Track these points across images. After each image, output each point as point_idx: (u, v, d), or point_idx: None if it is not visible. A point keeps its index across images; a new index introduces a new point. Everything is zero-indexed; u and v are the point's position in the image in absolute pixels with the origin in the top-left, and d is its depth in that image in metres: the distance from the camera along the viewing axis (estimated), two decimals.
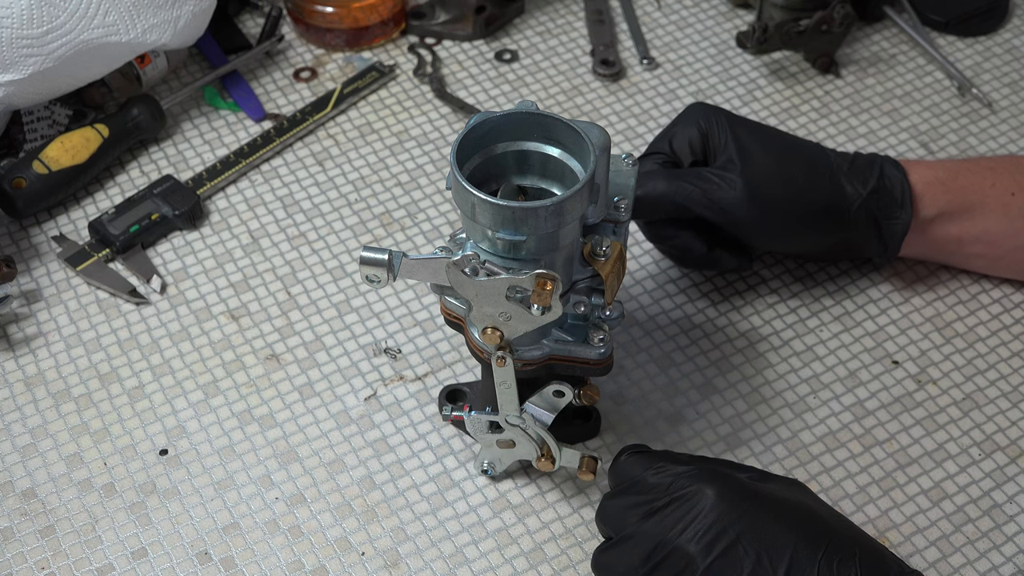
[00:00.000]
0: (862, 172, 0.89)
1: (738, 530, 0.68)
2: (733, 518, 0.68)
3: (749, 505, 0.69)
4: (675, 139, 0.89)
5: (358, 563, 0.80)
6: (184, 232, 1.00)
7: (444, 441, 0.86)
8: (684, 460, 0.73)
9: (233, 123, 1.09)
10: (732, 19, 1.19)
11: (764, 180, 0.86)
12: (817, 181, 0.88)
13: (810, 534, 0.69)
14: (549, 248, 0.70)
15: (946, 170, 0.91)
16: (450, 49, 1.15)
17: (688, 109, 0.90)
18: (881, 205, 0.88)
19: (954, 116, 1.09)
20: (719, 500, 0.69)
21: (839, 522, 0.72)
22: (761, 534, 0.68)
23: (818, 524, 0.70)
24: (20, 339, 0.92)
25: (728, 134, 0.87)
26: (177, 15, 1.02)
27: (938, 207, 0.89)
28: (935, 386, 0.90)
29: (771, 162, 0.87)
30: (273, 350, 0.92)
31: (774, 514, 0.69)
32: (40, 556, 0.80)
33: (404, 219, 1.01)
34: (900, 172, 0.89)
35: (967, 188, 0.90)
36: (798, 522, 0.69)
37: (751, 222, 0.86)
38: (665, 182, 0.86)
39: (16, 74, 0.95)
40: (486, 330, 0.71)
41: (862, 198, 0.88)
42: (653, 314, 0.94)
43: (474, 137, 0.71)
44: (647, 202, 0.86)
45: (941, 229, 0.90)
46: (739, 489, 0.70)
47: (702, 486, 0.69)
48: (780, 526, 0.69)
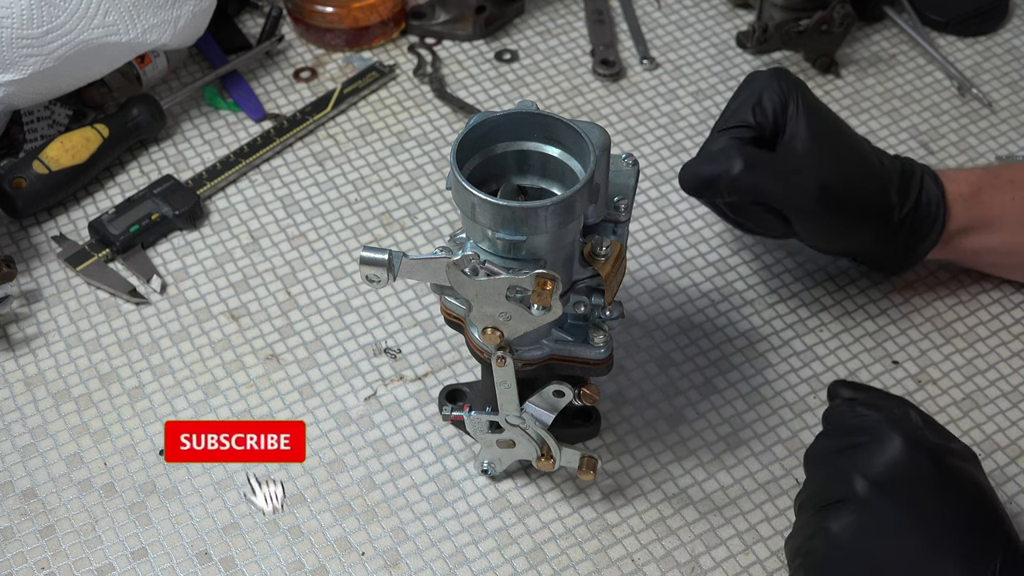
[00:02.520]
0: (906, 185, 0.88)
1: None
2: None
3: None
4: (758, 109, 0.86)
5: (358, 563, 0.80)
6: (184, 232, 1.00)
7: (444, 441, 0.87)
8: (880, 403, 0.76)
9: (233, 123, 1.09)
10: (732, 19, 1.19)
11: (835, 177, 0.84)
12: (874, 191, 0.87)
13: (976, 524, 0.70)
14: (549, 248, 0.70)
15: (969, 184, 0.90)
16: (450, 49, 1.15)
17: (769, 77, 0.87)
18: (916, 221, 0.88)
19: (954, 116, 1.09)
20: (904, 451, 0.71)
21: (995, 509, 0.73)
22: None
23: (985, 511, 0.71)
24: (20, 339, 0.92)
25: (803, 121, 0.85)
26: (177, 15, 1.02)
27: (959, 224, 0.89)
28: (935, 386, 0.90)
29: (840, 159, 0.86)
30: (273, 350, 0.92)
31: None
32: (40, 556, 0.80)
33: (404, 219, 1.01)
34: (939, 189, 0.88)
35: (988, 204, 0.89)
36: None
37: (818, 216, 0.85)
38: (745, 172, 0.83)
39: (16, 74, 0.95)
40: (486, 330, 0.71)
41: (903, 213, 0.87)
42: (653, 314, 0.94)
43: (474, 137, 0.71)
44: (722, 185, 0.83)
45: (960, 243, 0.90)
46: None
47: (892, 434, 0.72)
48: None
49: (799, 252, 0.98)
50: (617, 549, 0.81)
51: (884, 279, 0.96)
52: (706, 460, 0.86)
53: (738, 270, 0.97)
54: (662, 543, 0.81)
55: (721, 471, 0.85)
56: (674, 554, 0.81)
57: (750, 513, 0.83)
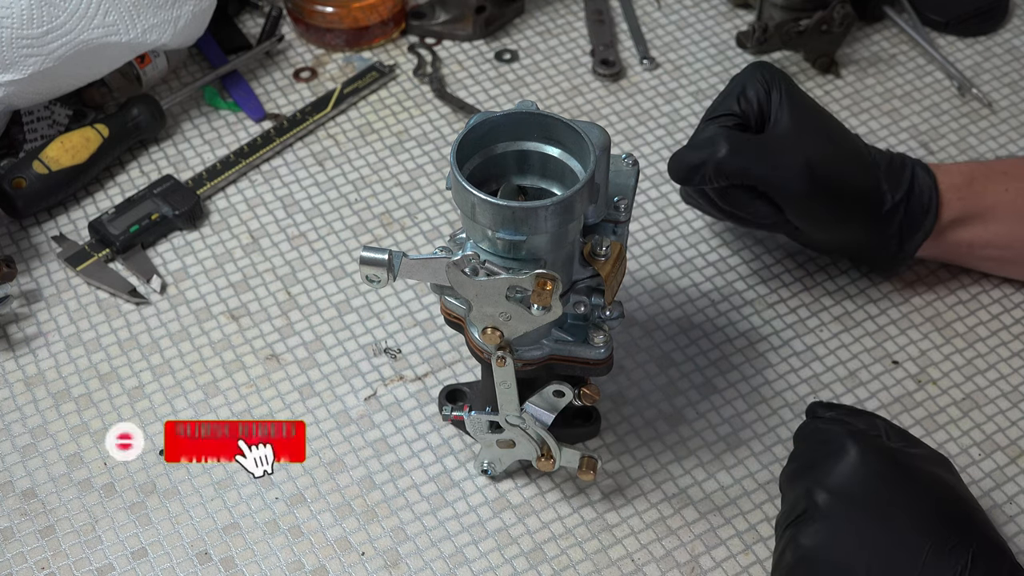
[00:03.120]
0: (897, 174, 0.88)
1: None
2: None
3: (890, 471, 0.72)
4: (743, 99, 0.87)
5: (358, 563, 0.80)
6: (184, 232, 1.00)
7: (444, 441, 0.87)
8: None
9: (233, 123, 1.09)
10: (732, 19, 1.19)
11: (821, 162, 0.85)
12: (863, 171, 0.87)
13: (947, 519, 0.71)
14: (549, 248, 0.70)
15: (962, 175, 0.90)
16: (450, 49, 1.15)
17: (752, 69, 0.88)
18: (909, 210, 0.88)
19: (954, 116, 1.09)
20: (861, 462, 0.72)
21: (968, 505, 0.73)
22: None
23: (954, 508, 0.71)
24: (20, 339, 0.92)
25: (786, 106, 0.86)
26: (177, 15, 1.02)
27: (953, 213, 0.89)
28: (935, 386, 0.90)
29: (827, 144, 0.87)
30: (273, 350, 0.92)
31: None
32: (40, 556, 0.80)
33: (404, 219, 1.01)
34: (931, 179, 0.89)
35: (981, 194, 0.89)
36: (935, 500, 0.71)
37: (805, 199, 0.85)
38: (730, 155, 0.84)
39: (16, 74, 0.95)
40: (486, 330, 0.71)
41: (895, 200, 0.88)
42: (653, 314, 0.94)
43: (474, 137, 0.71)
44: (709, 170, 0.84)
45: (954, 234, 0.90)
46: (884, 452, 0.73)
47: (847, 443, 0.72)
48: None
49: (799, 252, 0.98)
50: (617, 549, 0.81)
51: (884, 279, 0.96)
52: (706, 460, 0.86)
53: (738, 270, 0.97)
54: (662, 543, 0.81)
55: (721, 471, 0.85)
56: (674, 554, 0.81)
57: (750, 513, 0.83)
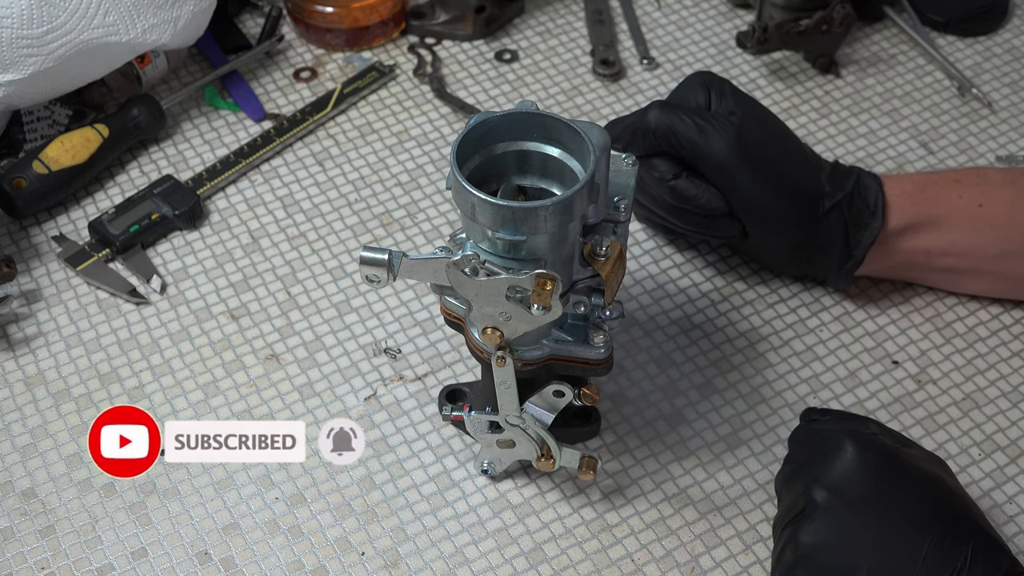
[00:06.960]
0: (840, 178, 0.90)
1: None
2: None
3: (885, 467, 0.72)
4: (690, 97, 0.90)
5: (358, 563, 0.80)
6: (184, 232, 1.00)
7: (444, 441, 0.87)
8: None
9: (233, 123, 1.09)
10: (732, 19, 1.19)
11: (755, 141, 0.87)
12: (801, 166, 0.89)
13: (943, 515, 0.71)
14: (549, 248, 0.70)
15: (913, 183, 0.91)
16: (450, 49, 1.15)
17: (694, 75, 0.91)
18: (854, 210, 0.89)
19: (954, 116, 1.09)
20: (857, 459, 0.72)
21: (963, 503, 0.73)
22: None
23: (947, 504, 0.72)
24: (20, 339, 0.92)
25: (732, 100, 0.89)
26: (177, 15, 1.02)
27: (905, 219, 0.89)
28: (935, 386, 0.90)
29: (764, 130, 0.89)
30: (273, 350, 0.92)
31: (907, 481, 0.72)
32: (40, 556, 0.80)
33: (404, 219, 1.01)
34: (876, 183, 0.90)
35: (934, 200, 0.89)
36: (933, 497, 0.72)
37: (733, 172, 0.86)
38: (662, 112, 0.87)
39: (16, 74, 0.95)
40: (486, 330, 0.71)
41: (836, 199, 0.88)
42: (653, 314, 0.94)
43: (474, 137, 0.71)
44: (642, 129, 0.87)
45: (908, 241, 0.90)
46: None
47: (843, 441, 0.73)
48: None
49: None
50: (617, 549, 0.81)
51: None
52: (706, 460, 0.86)
53: (738, 270, 0.97)
54: (662, 543, 0.81)
55: (721, 471, 0.85)
56: (674, 554, 0.81)
57: (750, 513, 0.83)
